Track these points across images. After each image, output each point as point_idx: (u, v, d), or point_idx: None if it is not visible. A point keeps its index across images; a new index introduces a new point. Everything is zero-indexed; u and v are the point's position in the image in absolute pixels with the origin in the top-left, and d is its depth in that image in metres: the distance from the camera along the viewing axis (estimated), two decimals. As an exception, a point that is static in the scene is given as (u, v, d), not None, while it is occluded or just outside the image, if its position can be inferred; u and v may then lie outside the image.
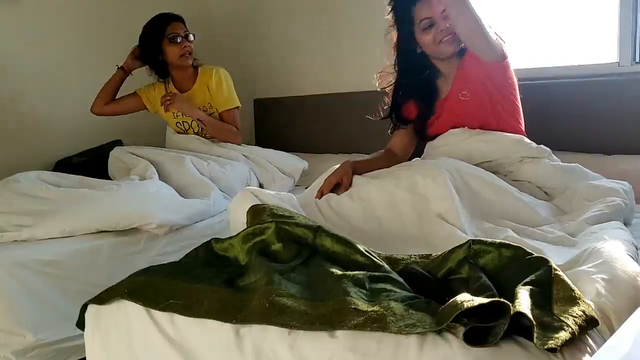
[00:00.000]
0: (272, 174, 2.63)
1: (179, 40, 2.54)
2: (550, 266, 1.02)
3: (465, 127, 1.79)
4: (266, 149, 2.75)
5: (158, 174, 2.36)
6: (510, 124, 1.81)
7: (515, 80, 1.84)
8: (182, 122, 2.68)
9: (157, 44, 2.55)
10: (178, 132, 2.71)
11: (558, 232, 1.42)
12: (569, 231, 1.44)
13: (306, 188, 1.85)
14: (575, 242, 1.36)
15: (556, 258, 1.15)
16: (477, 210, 1.50)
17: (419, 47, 1.81)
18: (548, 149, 1.77)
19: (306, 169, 2.74)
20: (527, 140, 1.76)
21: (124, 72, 2.63)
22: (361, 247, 1.20)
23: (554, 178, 1.69)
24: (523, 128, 1.87)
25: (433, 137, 1.89)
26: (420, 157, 1.93)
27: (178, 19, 2.59)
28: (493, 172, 1.66)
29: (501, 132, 1.76)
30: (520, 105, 1.86)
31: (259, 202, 1.43)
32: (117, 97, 2.66)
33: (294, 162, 2.73)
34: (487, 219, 1.48)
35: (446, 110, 1.85)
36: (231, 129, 2.66)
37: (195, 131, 2.68)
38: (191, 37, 2.59)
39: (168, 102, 2.55)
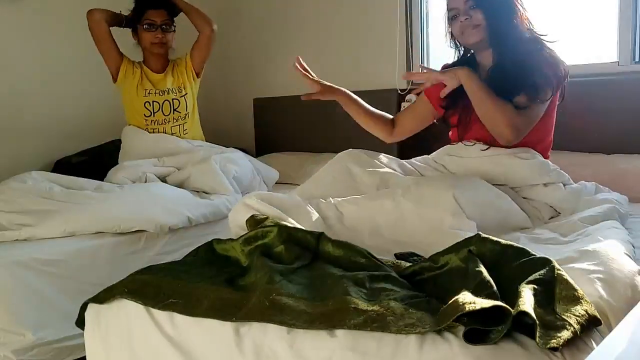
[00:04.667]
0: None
1: (153, 29, 2.51)
2: (554, 266, 1.02)
3: (480, 142, 1.70)
4: (247, 156, 2.74)
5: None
6: (534, 143, 1.71)
7: (557, 100, 1.75)
8: (152, 102, 2.57)
9: (135, 26, 2.55)
10: (145, 116, 2.58)
11: (549, 235, 1.42)
12: (561, 231, 1.44)
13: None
14: (566, 241, 1.35)
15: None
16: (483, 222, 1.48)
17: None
18: (566, 175, 1.69)
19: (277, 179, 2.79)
20: (546, 167, 1.66)
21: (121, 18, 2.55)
22: (362, 250, 1.21)
23: (566, 200, 1.64)
24: (549, 144, 1.78)
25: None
26: (428, 154, 1.86)
27: (160, 5, 2.53)
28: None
29: (518, 156, 1.65)
30: (552, 128, 1.78)
31: (257, 213, 1.42)
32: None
33: (269, 172, 2.75)
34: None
35: (473, 116, 1.71)
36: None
37: (166, 114, 2.59)
38: (170, 28, 2.55)
39: None
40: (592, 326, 0.93)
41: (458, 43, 1.80)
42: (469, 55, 1.83)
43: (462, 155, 1.72)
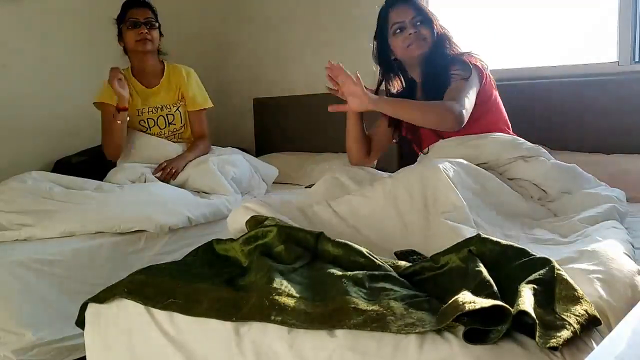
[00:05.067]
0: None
1: (136, 26, 2.47)
2: (554, 266, 1.02)
3: (453, 137, 1.78)
4: (244, 154, 2.73)
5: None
6: (495, 130, 1.80)
7: (494, 89, 1.84)
8: (147, 119, 2.56)
9: (120, 29, 2.52)
10: (142, 131, 2.57)
11: (549, 235, 1.42)
12: (561, 232, 1.44)
13: (306, 187, 1.85)
14: (565, 242, 1.36)
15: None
16: (478, 208, 1.49)
17: (392, 54, 1.88)
18: (542, 148, 1.75)
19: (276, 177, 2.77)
20: (519, 140, 1.76)
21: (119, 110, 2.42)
22: (362, 249, 1.21)
23: (551, 176, 1.68)
24: (510, 131, 1.86)
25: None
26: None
27: (142, 4, 2.51)
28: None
29: (492, 135, 1.76)
30: (504, 112, 1.87)
31: (257, 214, 1.42)
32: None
33: (268, 170, 2.74)
34: (487, 218, 1.47)
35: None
36: (206, 148, 2.62)
37: (161, 128, 2.58)
38: (155, 25, 2.51)
39: (174, 172, 2.46)
40: (592, 326, 0.93)
41: (385, 59, 1.89)
42: (407, 77, 1.92)
43: (437, 153, 1.79)
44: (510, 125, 1.88)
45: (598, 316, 0.94)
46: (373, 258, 1.18)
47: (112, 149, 2.47)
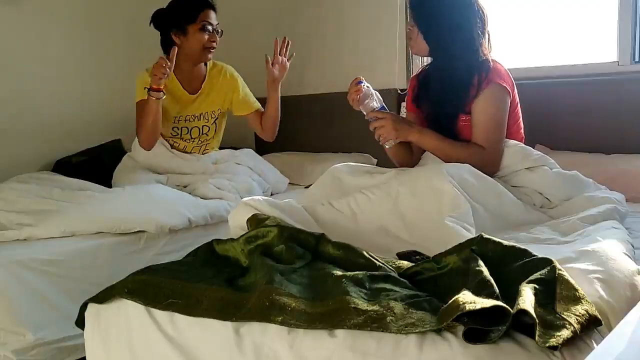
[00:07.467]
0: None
1: (210, 31, 2.34)
2: (555, 266, 1.02)
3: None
4: (257, 161, 2.72)
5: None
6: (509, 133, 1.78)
7: (516, 101, 1.81)
8: (182, 127, 2.44)
9: (183, 26, 2.32)
10: (171, 136, 2.48)
11: (548, 234, 1.42)
12: (561, 231, 1.44)
13: (305, 187, 1.85)
14: (565, 241, 1.36)
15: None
16: (478, 214, 1.49)
17: None
18: (550, 159, 1.74)
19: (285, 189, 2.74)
20: (526, 150, 1.73)
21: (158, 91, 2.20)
22: (362, 251, 1.21)
23: (554, 185, 1.67)
24: (522, 134, 1.85)
25: None
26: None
27: (214, 8, 2.37)
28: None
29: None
30: (520, 117, 1.84)
31: (258, 212, 1.42)
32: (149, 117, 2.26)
33: (279, 179, 2.72)
34: (488, 225, 1.47)
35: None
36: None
37: (193, 137, 2.50)
38: (220, 33, 2.42)
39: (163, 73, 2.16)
40: (593, 326, 0.93)
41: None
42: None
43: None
44: (522, 126, 1.85)
45: (599, 316, 0.94)
46: (373, 259, 1.18)
47: (145, 135, 2.29)
